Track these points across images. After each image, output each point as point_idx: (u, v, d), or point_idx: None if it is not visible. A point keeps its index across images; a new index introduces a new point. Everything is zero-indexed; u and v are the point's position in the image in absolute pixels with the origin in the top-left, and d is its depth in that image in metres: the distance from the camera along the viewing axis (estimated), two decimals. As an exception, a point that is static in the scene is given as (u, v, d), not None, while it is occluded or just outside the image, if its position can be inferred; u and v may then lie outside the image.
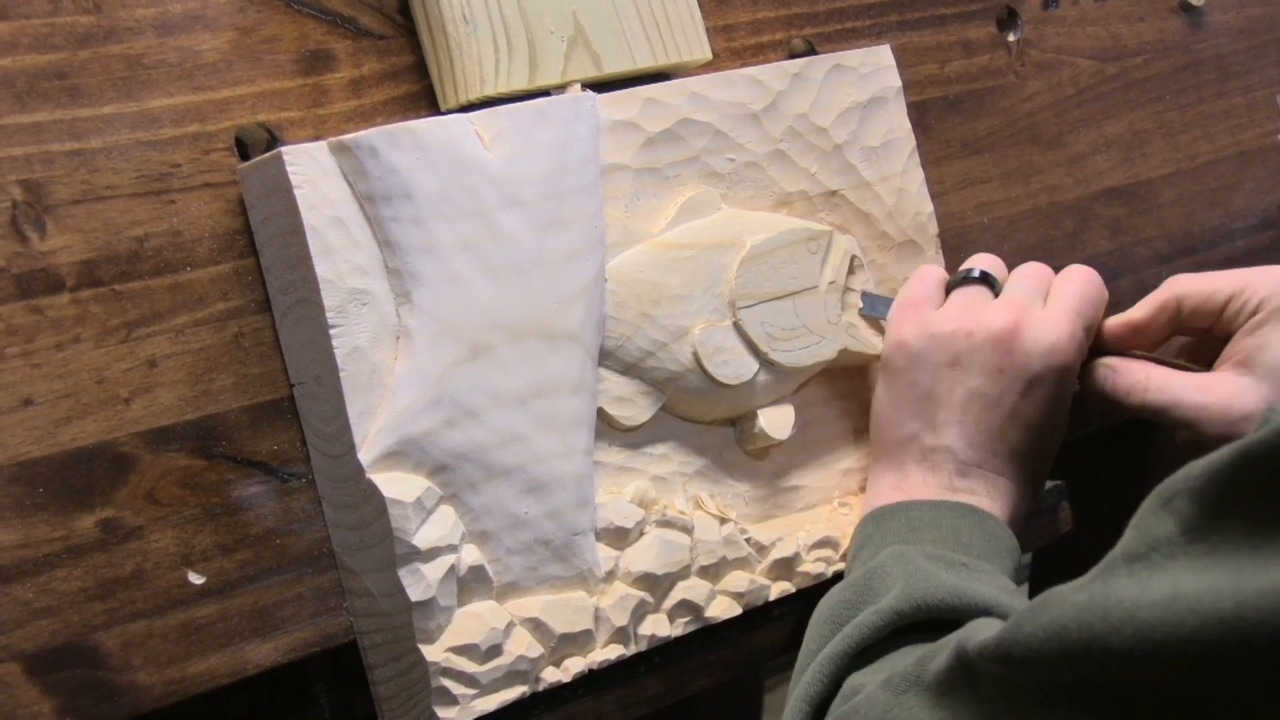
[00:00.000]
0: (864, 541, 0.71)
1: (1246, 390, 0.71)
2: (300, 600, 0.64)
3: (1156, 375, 0.73)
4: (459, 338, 0.63)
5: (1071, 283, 0.74)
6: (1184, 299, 0.75)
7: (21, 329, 0.59)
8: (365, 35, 0.69)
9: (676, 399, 0.72)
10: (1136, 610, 0.41)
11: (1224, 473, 0.41)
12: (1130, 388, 0.74)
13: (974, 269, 0.76)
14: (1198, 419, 0.72)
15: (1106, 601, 0.42)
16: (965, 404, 0.72)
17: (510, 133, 0.65)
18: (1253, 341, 0.72)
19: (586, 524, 0.67)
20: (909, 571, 0.65)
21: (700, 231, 0.72)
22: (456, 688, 0.63)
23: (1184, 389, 0.72)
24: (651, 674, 0.71)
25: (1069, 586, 0.45)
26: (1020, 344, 0.71)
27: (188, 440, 0.62)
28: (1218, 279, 0.74)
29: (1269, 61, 1.07)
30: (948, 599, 0.63)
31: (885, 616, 0.63)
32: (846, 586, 0.67)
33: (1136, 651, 0.41)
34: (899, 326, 0.75)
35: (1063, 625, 0.44)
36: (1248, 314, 0.73)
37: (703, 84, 0.73)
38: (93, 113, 0.62)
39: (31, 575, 0.58)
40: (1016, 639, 0.46)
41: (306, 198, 0.61)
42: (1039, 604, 0.46)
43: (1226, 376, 0.73)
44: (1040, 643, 0.45)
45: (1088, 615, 0.43)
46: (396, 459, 0.62)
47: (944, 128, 0.88)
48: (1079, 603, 0.43)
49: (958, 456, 0.72)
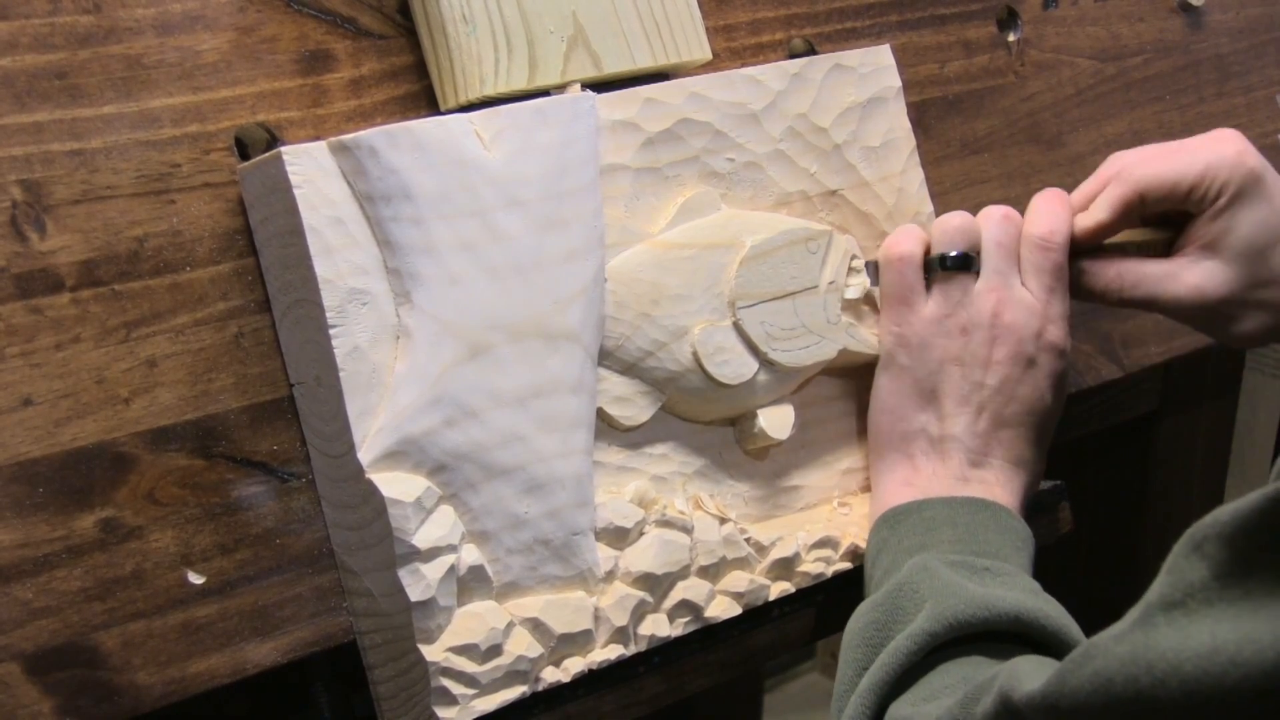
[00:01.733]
0: (881, 546, 0.71)
1: (1215, 274, 0.75)
2: (300, 600, 0.64)
3: (1127, 272, 0.76)
4: (459, 338, 0.63)
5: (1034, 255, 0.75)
6: (1147, 192, 0.76)
7: (21, 329, 0.59)
8: (365, 35, 0.69)
9: (676, 399, 0.72)
10: (1180, 663, 0.42)
11: (1251, 519, 0.42)
12: (1105, 287, 0.77)
13: (948, 254, 0.75)
14: (1174, 307, 0.76)
15: (1149, 654, 0.43)
16: (967, 395, 0.73)
17: (510, 133, 0.65)
18: (1219, 225, 0.75)
19: (586, 524, 0.67)
20: (936, 587, 0.65)
21: (700, 231, 0.72)
22: (456, 688, 0.63)
23: (1157, 281, 0.75)
24: (651, 674, 0.71)
25: (1110, 635, 0.46)
26: (1010, 332, 0.73)
27: (188, 440, 0.62)
28: (1175, 166, 0.75)
29: (1269, 61, 1.07)
30: (978, 613, 0.63)
31: (919, 640, 0.63)
32: (874, 606, 0.67)
33: (1183, 704, 0.42)
34: (893, 324, 0.75)
35: (1108, 678, 0.44)
36: (1211, 198, 0.75)
37: (702, 84, 0.73)
38: (93, 113, 0.62)
39: (31, 575, 0.58)
40: (1063, 691, 0.47)
41: (306, 198, 0.61)
42: (1082, 655, 0.46)
43: (1196, 263, 0.75)
44: (1087, 695, 0.45)
45: (1132, 668, 0.44)
46: (396, 459, 0.62)
47: (944, 128, 0.88)
48: (1122, 655, 0.44)
49: (965, 445, 0.73)
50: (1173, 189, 0.75)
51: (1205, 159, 0.75)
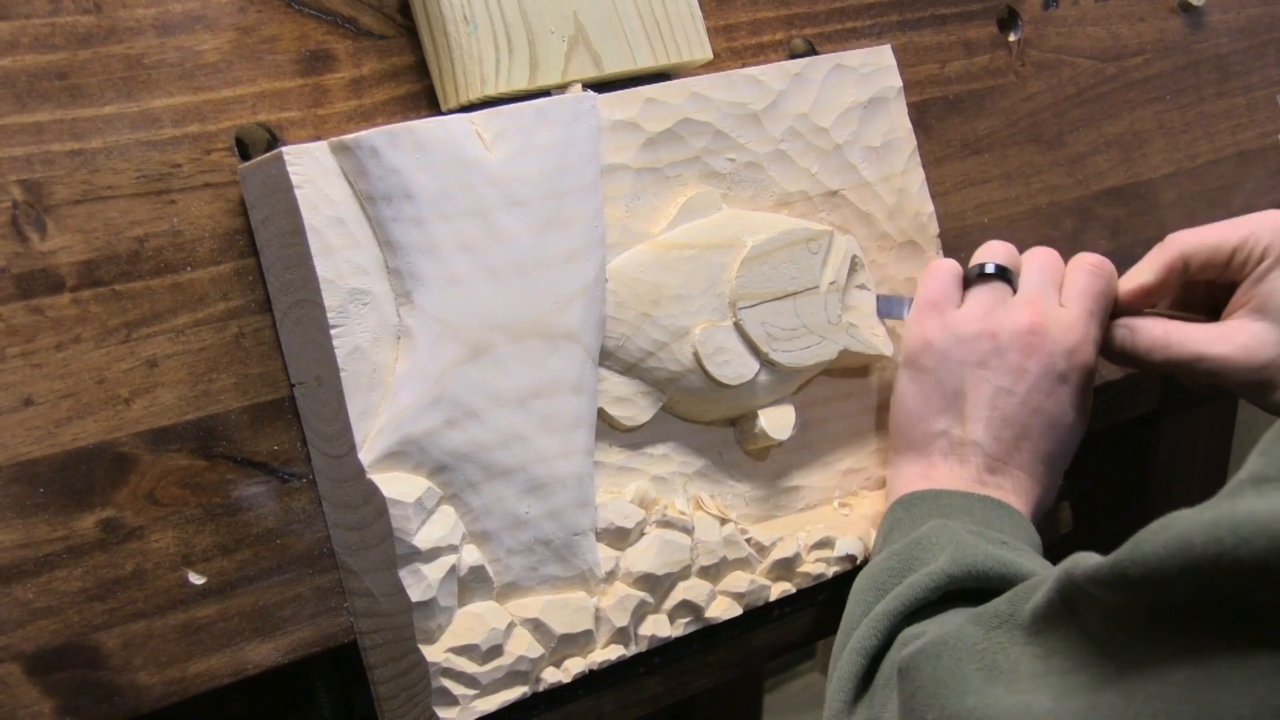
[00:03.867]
0: (894, 524, 0.72)
1: (1264, 335, 0.73)
2: (300, 600, 0.64)
3: (1174, 331, 0.75)
4: (459, 338, 0.63)
5: (1081, 278, 0.75)
6: (1191, 256, 0.76)
7: (22, 329, 0.59)
8: (365, 35, 0.69)
9: (677, 399, 0.72)
10: (1269, 522, 0.41)
11: None
12: (1151, 345, 0.75)
13: (989, 264, 0.76)
14: (1222, 369, 0.73)
15: (1235, 516, 0.42)
16: (993, 401, 0.73)
17: (510, 133, 0.65)
18: (1264, 287, 0.74)
19: (587, 524, 0.67)
20: (956, 541, 0.66)
21: (700, 231, 0.72)
22: (457, 688, 0.63)
23: (1204, 341, 0.74)
24: (651, 674, 0.72)
25: (1192, 510, 0.45)
26: (1043, 344, 0.73)
27: (188, 440, 0.62)
28: (1221, 230, 0.75)
29: (1269, 61, 1.07)
30: (996, 567, 0.64)
31: (937, 579, 0.64)
32: (890, 556, 0.68)
33: (1269, 562, 0.41)
34: (922, 325, 0.75)
35: (1188, 541, 0.43)
36: (1254, 261, 0.74)
37: (703, 84, 0.73)
38: (93, 113, 0.62)
39: (31, 575, 0.58)
40: (1134, 559, 0.46)
41: (307, 198, 0.61)
42: (1160, 525, 0.45)
43: (1243, 324, 0.74)
44: (1161, 560, 0.44)
45: (1215, 530, 0.42)
46: (397, 459, 0.62)
47: (944, 128, 0.88)
48: (1205, 520, 0.43)
49: (986, 450, 0.73)
50: (1215, 251, 0.75)
51: (1250, 225, 0.75)
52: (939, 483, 0.73)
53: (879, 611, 0.64)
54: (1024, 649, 0.53)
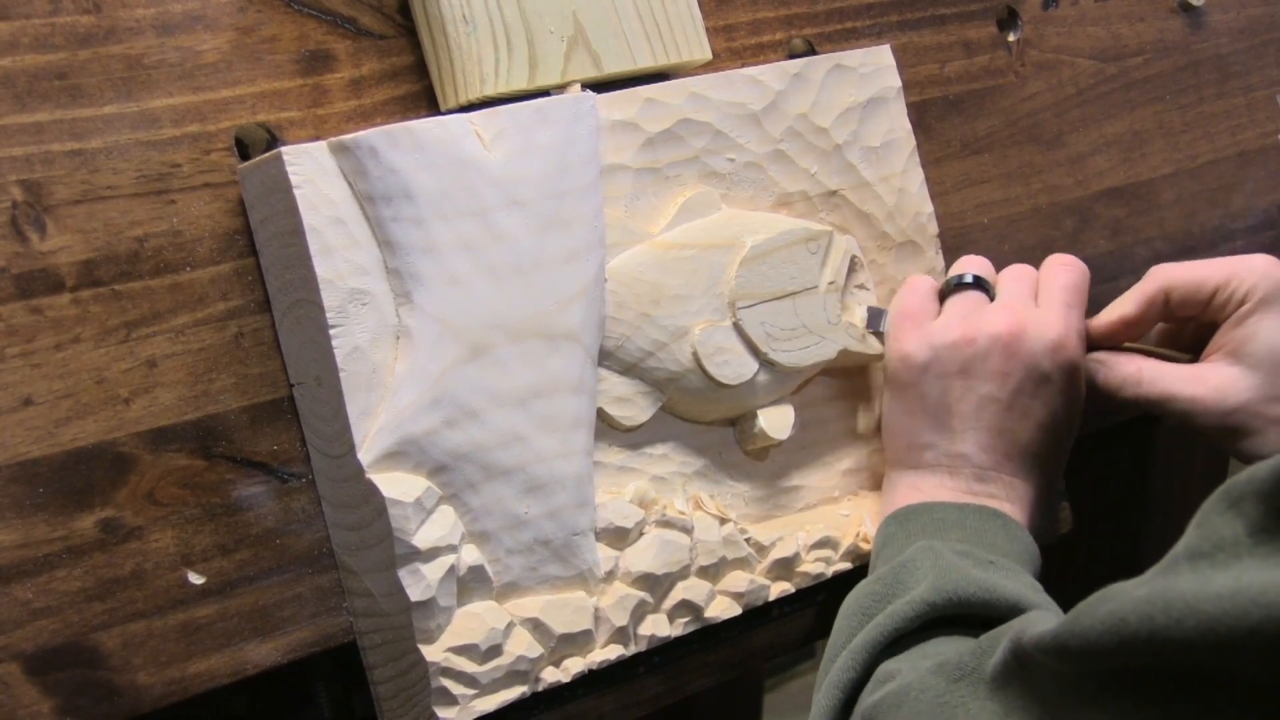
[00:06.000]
0: (887, 540, 0.72)
1: (1237, 380, 0.72)
2: (300, 600, 0.64)
3: (1148, 368, 0.74)
4: (459, 338, 0.63)
5: (1057, 276, 0.75)
6: (1171, 291, 0.75)
7: (21, 329, 0.59)
8: (365, 35, 0.69)
9: (676, 399, 0.72)
10: (1199, 603, 0.41)
11: None
12: (1122, 381, 0.75)
13: (965, 274, 0.76)
14: (1191, 410, 0.73)
15: (1168, 594, 0.42)
16: (978, 410, 0.72)
17: (510, 133, 0.65)
18: (1242, 332, 0.73)
19: (586, 524, 0.67)
20: (940, 566, 0.65)
21: (700, 231, 0.72)
22: (456, 688, 0.63)
23: (1176, 381, 0.73)
24: (651, 674, 0.72)
25: (1130, 583, 0.45)
26: (1024, 345, 0.72)
27: (188, 440, 0.62)
28: (1204, 269, 0.75)
29: (1269, 61, 1.07)
30: (978, 593, 0.63)
31: (917, 607, 0.63)
32: (875, 580, 0.68)
33: (1199, 643, 0.41)
34: (900, 340, 0.75)
35: (1122, 618, 0.44)
36: (1235, 304, 0.73)
37: (703, 84, 0.73)
38: (93, 113, 0.62)
39: (31, 575, 0.58)
40: (1074, 631, 0.46)
41: (306, 198, 0.61)
42: (1098, 598, 0.46)
43: (1217, 367, 0.73)
44: (1099, 635, 0.45)
45: (1148, 608, 0.43)
46: (396, 459, 0.62)
47: (944, 128, 0.88)
48: (1140, 596, 0.43)
49: (974, 462, 0.72)
50: (1197, 288, 0.74)
51: (1234, 266, 0.74)
52: (931, 495, 0.73)
53: (858, 643, 0.64)
54: (984, 704, 0.54)
